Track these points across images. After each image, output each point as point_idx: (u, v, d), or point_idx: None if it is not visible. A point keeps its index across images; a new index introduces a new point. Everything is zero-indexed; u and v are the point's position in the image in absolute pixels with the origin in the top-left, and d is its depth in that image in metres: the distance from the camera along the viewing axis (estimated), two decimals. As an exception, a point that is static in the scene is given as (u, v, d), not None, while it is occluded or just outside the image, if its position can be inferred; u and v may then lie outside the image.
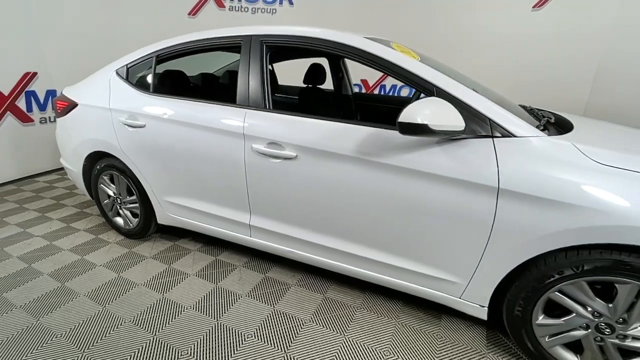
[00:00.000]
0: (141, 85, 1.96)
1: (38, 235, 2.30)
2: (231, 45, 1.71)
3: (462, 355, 1.38)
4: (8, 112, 3.20)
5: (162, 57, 1.92)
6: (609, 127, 1.62)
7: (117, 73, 2.02)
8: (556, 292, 1.17)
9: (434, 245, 1.31)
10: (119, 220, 2.25)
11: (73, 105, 2.14)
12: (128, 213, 2.19)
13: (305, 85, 2.47)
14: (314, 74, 2.39)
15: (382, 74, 4.16)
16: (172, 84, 2.05)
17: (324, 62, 2.62)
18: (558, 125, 1.44)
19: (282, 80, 2.91)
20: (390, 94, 5.02)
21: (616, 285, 1.08)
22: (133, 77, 2.00)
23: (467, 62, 4.49)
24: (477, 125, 1.19)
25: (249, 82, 1.60)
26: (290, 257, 1.71)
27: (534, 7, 4.07)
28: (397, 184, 1.29)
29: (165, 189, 1.92)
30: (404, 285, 1.45)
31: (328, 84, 2.82)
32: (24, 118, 3.34)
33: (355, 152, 1.34)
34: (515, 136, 1.16)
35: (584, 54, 3.80)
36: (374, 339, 1.45)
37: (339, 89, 2.82)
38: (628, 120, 3.55)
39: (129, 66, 2.00)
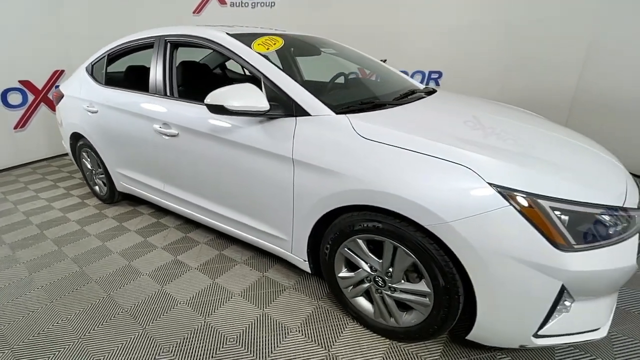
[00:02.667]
0: (99, 78, 2.44)
1: (44, 198, 2.97)
2: (150, 43, 2.08)
3: (296, 301, 1.63)
4: (42, 103, 4.02)
5: (112, 55, 2.37)
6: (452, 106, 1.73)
7: (86, 69, 2.53)
8: (345, 249, 1.37)
9: (267, 207, 1.57)
10: (97, 189, 2.82)
11: (62, 96, 2.72)
12: (100, 182, 2.74)
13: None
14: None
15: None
16: (129, 78, 2.50)
17: (272, 54, 2.88)
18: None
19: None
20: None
21: (383, 243, 1.26)
22: (96, 72, 2.49)
23: (456, 43, 4.42)
24: (288, 106, 1.41)
25: (156, 74, 1.96)
26: (191, 218, 2.08)
27: (522, -17, 3.82)
28: (235, 156, 1.57)
29: (114, 162, 2.40)
30: (256, 241, 1.73)
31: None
32: (55, 108, 4.12)
33: (210, 130, 1.64)
34: (310, 115, 1.36)
35: (574, 32, 3.49)
36: (237, 285, 1.76)
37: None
38: (620, 104, 3.24)
39: (92, 63, 2.50)
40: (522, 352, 1.34)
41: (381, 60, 2.50)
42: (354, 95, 1.71)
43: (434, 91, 1.98)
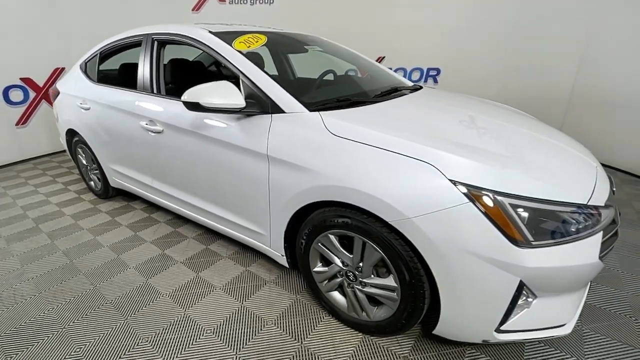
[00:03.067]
0: (91, 75, 2.49)
1: (42, 193, 3.05)
2: (139, 41, 2.11)
3: (275, 295, 1.66)
4: (43, 100, 4.10)
5: (104, 53, 2.42)
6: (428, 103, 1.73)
7: (80, 67, 2.58)
8: (318, 244, 1.39)
9: (245, 202, 1.60)
10: (92, 184, 2.88)
11: (58, 93, 2.78)
12: (95, 178, 2.80)
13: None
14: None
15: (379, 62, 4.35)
16: (121, 75, 2.54)
17: (263, 50, 2.90)
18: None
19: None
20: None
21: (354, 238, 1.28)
22: (89, 69, 2.54)
23: (455, 42, 4.38)
24: (264, 103, 1.44)
25: (143, 72, 2.00)
26: (179, 214, 2.12)
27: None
28: (215, 152, 1.60)
29: (107, 158, 2.46)
30: (237, 235, 1.76)
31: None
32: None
33: (191, 127, 1.67)
34: (285, 112, 1.38)
35: (572, 32, 3.45)
36: (219, 279, 1.80)
37: (281, 75, 3.08)
38: (616, 103, 3.20)
39: (86, 61, 2.54)
40: (491, 347, 1.35)
41: (379, 58, 2.50)
42: (334, 92, 1.72)
43: (419, 88, 1.98)
